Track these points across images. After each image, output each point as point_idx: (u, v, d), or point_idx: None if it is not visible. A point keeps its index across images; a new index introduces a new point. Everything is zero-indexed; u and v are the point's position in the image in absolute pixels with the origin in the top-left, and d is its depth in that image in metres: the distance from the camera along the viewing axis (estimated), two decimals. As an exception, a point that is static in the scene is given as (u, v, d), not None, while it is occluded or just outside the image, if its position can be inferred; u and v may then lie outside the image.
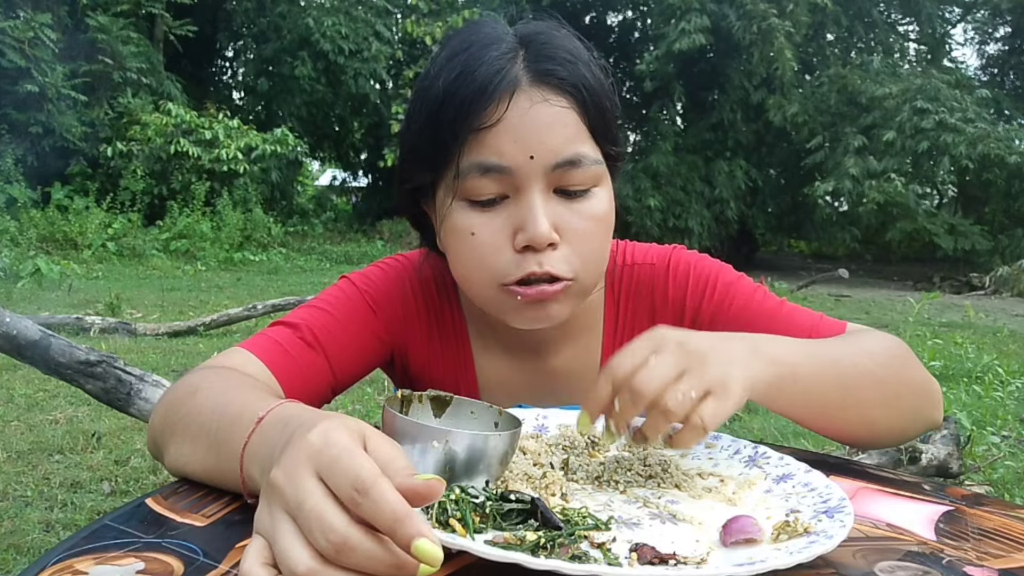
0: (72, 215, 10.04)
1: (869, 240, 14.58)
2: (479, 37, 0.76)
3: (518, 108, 0.73)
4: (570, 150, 0.74)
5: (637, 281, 0.93)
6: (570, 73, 0.75)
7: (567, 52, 0.76)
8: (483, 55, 0.74)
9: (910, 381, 0.80)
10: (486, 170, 0.74)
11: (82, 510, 2.47)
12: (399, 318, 0.91)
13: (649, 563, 0.51)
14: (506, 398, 0.93)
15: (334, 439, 0.45)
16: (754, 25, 13.11)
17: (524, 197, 0.75)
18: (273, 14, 14.55)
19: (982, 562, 0.57)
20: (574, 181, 0.76)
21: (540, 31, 0.78)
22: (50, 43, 10.71)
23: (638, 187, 13.70)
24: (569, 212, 0.76)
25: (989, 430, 3.33)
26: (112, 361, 2.31)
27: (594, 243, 0.78)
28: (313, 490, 0.43)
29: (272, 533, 0.44)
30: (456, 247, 0.79)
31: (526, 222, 0.74)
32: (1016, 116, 15.55)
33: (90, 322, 5.14)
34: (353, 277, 0.92)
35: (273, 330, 0.85)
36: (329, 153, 17.59)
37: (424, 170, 0.80)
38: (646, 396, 0.61)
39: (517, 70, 0.74)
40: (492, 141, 0.73)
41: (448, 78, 0.74)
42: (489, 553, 0.49)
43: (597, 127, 0.77)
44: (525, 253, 0.75)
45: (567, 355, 0.93)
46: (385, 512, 0.41)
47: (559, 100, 0.74)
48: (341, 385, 0.88)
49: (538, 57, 0.75)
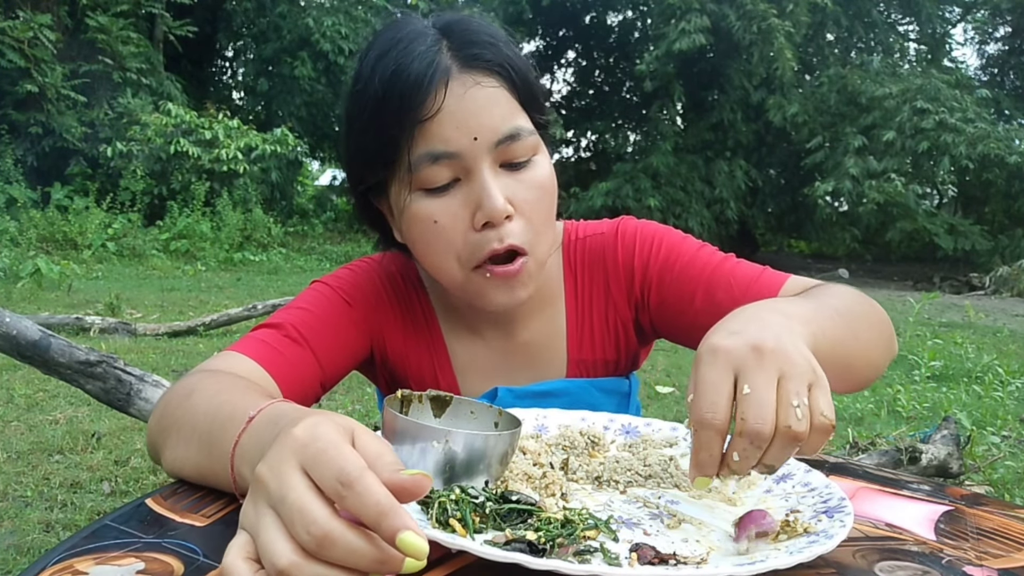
0: (72, 215, 10.04)
1: (869, 240, 14.57)
2: (403, 34, 0.80)
3: (454, 95, 0.77)
4: (508, 125, 0.79)
5: (590, 251, 0.98)
6: (494, 54, 0.79)
7: (487, 35, 0.81)
8: (412, 50, 0.78)
9: (878, 314, 0.83)
10: (436, 158, 0.78)
11: (82, 510, 2.47)
12: (373, 310, 0.95)
13: (649, 563, 0.51)
14: (480, 377, 0.97)
15: (320, 433, 0.45)
16: (754, 25, 13.10)
17: (476, 177, 0.79)
18: (273, 14, 14.54)
19: (982, 562, 0.57)
20: (516, 154, 0.80)
21: (456, 19, 0.83)
22: (50, 43, 10.71)
23: (638, 187, 13.70)
24: (517, 184, 0.81)
25: (989, 430, 3.33)
26: (112, 361, 2.31)
27: (543, 209, 0.83)
28: (296, 484, 0.43)
29: (255, 527, 0.43)
30: (421, 236, 0.83)
31: (482, 200, 0.78)
32: (1016, 116, 15.54)
33: (90, 322, 5.14)
34: (324, 279, 0.96)
35: (259, 332, 0.87)
36: (329, 153, 17.57)
37: (374, 169, 0.83)
38: (768, 435, 0.54)
39: (446, 59, 0.78)
40: (436, 130, 0.77)
41: (384, 76, 0.78)
42: (489, 553, 0.49)
43: (526, 100, 0.82)
44: (485, 231, 0.80)
45: (534, 329, 0.97)
46: (370, 505, 0.41)
47: (489, 81, 0.79)
48: (329, 378, 0.90)
49: (462, 43, 0.79)
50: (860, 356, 0.76)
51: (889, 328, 0.84)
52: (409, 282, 0.98)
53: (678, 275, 0.92)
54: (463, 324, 0.98)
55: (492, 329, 0.97)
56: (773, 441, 0.54)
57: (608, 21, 17.90)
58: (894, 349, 0.85)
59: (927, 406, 3.96)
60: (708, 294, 0.89)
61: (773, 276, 0.90)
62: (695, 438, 0.56)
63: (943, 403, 3.97)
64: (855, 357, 0.75)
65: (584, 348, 0.98)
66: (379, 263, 0.98)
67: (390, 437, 0.62)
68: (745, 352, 0.56)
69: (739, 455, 0.55)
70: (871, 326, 0.80)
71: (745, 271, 0.91)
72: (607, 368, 0.99)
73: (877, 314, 0.83)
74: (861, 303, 0.81)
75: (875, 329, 0.80)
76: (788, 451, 0.55)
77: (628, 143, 17.20)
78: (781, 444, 0.55)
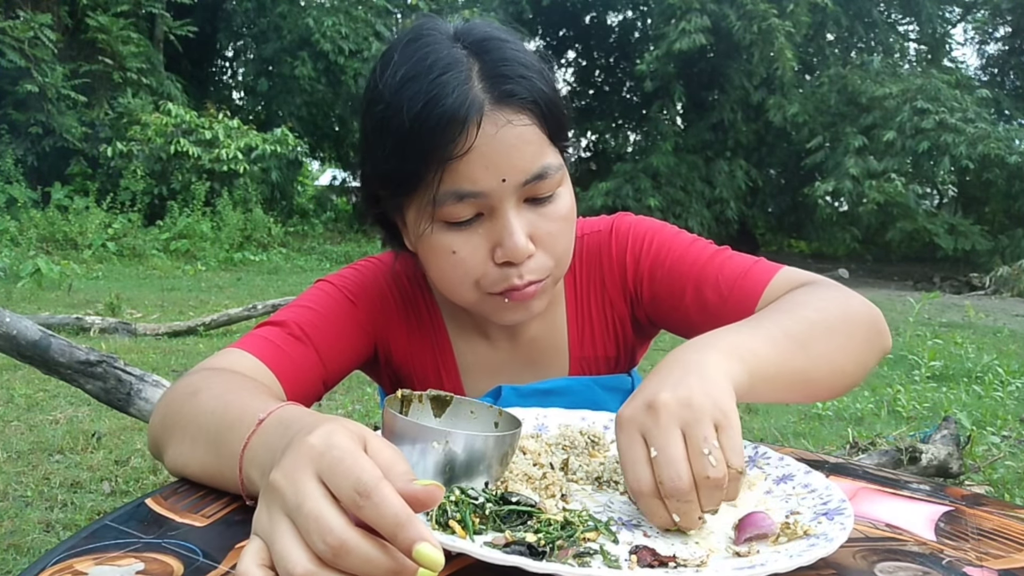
0: (72, 215, 10.04)
1: (869, 240, 14.57)
2: (433, 59, 0.76)
3: (485, 134, 0.74)
4: (536, 165, 0.77)
5: (588, 249, 0.98)
6: (527, 90, 0.77)
7: (521, 65, 0.77)
8: (445, 83, 0.74)
9: (856, 317, 0.80)
10: (462, 197, 0.76)
11: (82, 510, 2.47)
12: (378, 310, 0.95)
13: (648, 566, 0.51)
14: (485, 376, 0.98)
15: (336, 442, 0.45)
16: (754, 25, 13.10)
17: (499, 215, 0.78)
18: (273, 14, 14.54)
19: (982, 562, 0.57)
20: (542, 191, 0.79)
21: (488, 40, 0.78)
22: (50, 43, 10.71)
23: (638, 187, 13.71)
24: (540, 218, 0.80)
25: (989, 430, 3.33)
26: (112, 361, 2.31)
27: (564, 241, 0.83)
28: (312, 492, 0.43)
29: (270, 534, 0.43)
30: (437, 264, 0.82)
31: (504, 240, 0.78)
32: (1016, 116, 15.54)
33: (90, 322, 5.14)
34: (328, 278, 0.96)
35: (262, 330, 0.87)
36: (329, 153, 17.58)
37: (395, 194, 0.82)
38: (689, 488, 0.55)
39: (478, 94, 0.75)
40: (464, 169, 0.75)
41: (413, 107, 0.74)
42: (489, 556, 0.48)
43: (554, 133, 0.80)
44: (505, 267, 0.80)
45: (537, 328, 0.97)
46: (387, 516, 0.41)
47: (520, 119, 0.76)
48: (332, 377, 0.90)
49: (495, 77, 0.76)
50: (819, 368, 0.75)
51: (869, 328, 0.81)
52: (415, 283, 0.98)
53: (668, 270, 0.92)
54: (469, 324, 0.98)
55: (497, 330, 0.97)
56: (698, 491, 0.56)
57: (608, 21, 17.91)
58: (879, 346, 0.82)
59: (927, 406, 3.96)
60: (697, 290, 0.89)
61: (762, 270, 0.89)
62: (640, 507, 0.58)
63: (943, 403, 3.97)
64: (812, 371, 0.74)
65: (585, 345, 0.98)
66: (385, 263, 0.98)
67: (390, 438, 0.61)
68: (643, 414, 0.58)
69: (677, 514, 0.56)
70: (837, 334, 0.77)
71: (735, 265, 0.89)
72: (608, 364, 0.99)
73: (853, 318, 0.80)
74: (831, 309, 0.79)
75: (843, 335, 0.78)
76: (717, 495, 0.56)
77: (628, 143, 17.22)
78: (707, 493, 0.56)
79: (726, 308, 0.86)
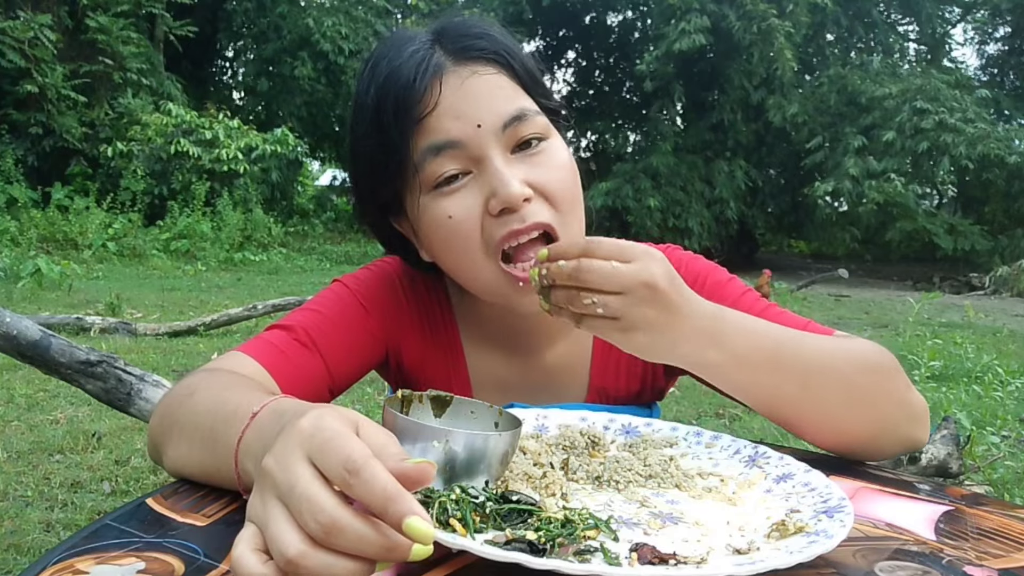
0: (72, 215, 10.04)
1: (869, 240, 14.57)
2: (395, 41, 0.80)
3: (450, 86, 0.76)
4: (512, 107, 0.78)
5: None
6: (488, 44, 0.79)
7: (479, 28, 0.80)
8: (402, 51, 0.78)
9: (888, 392, 0.77)
10: (438, 149, 0.76)
11: (82, 510, 2.47)
12: (392, 317, 0.93)
13: (649, 563, 0.51)
14: (499, 395, 0.93)
15: (325, 424, 0.45)
16: (754, 25, 13.10)
17: (486, 166, 0.77)
18: (273, 14, 14.54)
19: (982, 562, 0.57)
20: (526, 132, 0.78)
21: (450, 21, 0.82)
22: (50, 43, 10.71)
23: (638, 187, 13.69)
24: (532, 166, 0.78)
25: (989, 430, 3.32)
26: (112, 361, 2.31)
27: (564, 188, 0.80)
28: (303, 473, 0.43)
29: (264, 519, 0.44)
30: (439, 238, 0.80)
31: (496, 187, 0.76)
32: (1016, 116, 15.55)
33: (90, 322, 5.14)
34: (344, 280, 0.93)
35: (268, 333, 0.86)
36: (329, 153, 17.58)
37: (385, 181, 0.81)
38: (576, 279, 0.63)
39: (439, 57, 0.78)
40: (435, 124, 0.76)
41: (378, 82, 0.78)
42: (489, 553, 0.49)
43: (529, 84, 0.80)
44: (503, 215, 0.77)
45: (558, 351, 0.94)
46: (376, 491, 0.41)
47: (487, 69, 0.78)
48: (339, 385, 0.89)
49: (454, 39, 0.79)
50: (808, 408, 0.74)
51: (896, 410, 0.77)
52: (432, 290, 0.95)
53: None
54: (485, 337, 0.94)
55: (515, 346, 0.93)
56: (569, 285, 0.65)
57: (608, 21, 17.91)
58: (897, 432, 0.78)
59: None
60: None
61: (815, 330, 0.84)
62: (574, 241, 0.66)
63: (943, 403, 3.97)
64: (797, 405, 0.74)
65: (608, 377, 0.95)
66: (402, 264, 0.95)
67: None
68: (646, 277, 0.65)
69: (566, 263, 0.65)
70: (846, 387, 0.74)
71: (788, 322, 0.85)
72: (628, 399, 0.95)
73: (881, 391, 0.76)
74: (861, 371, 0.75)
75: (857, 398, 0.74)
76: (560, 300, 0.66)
77: (628, 143, 17.21)
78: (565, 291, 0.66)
79: None
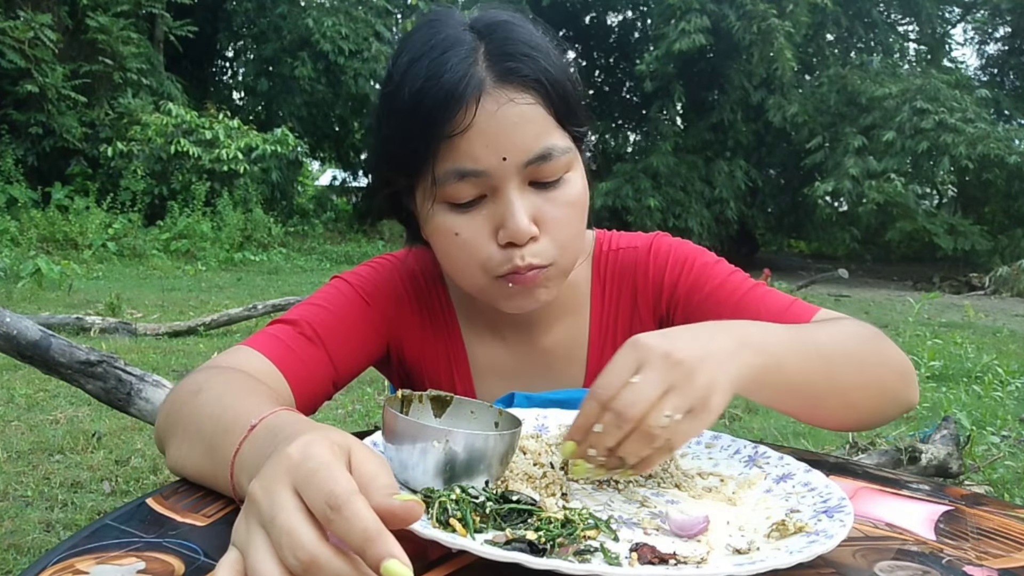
0: (72, 215, 10.04)
1: (869, 240, 14.57)
2: (439, 40, 0.76)
3: (485, 112, 0.74)
4: (540, 145, 0.76)
5: (621, 264, 0.97)
6: (531, 68, 0.75)
7: (526, 45, 0.77)
8: (445, 60, 0.74)
9: (888, 362, 0.80)
10: (462, 175, 0.75)
11: (82, 510, 2.47)
12: (392, 309, 0.94)
13: (649, 563, 0.51)
14: (499, 381, 0.95)
15: (312, 453, 0.44)
16: (754, 25, 13.10)
17: (502, 196, 0.77)
18: (273, 14, 14.54)
19: (981, 562, 0.57)
20: (547, 174, 0.78)
21: (497, 22, 0.78)
22: (50, 43, 10.71)
23: (638, 187, 13.69)
24: (545, 202, 0.79)
25: (989, 430, 3.33)
26: (112, 361, 2.31)
27: (571, 228, 0.81)
28: (286, 504, 0.42)
29: (246, 545, 0.43)
30: (442, 247, 0.82)
31: (506, 220, 0.76)
32: (1016, 116, 15.55)
33: (90, 322, 5.13)
34: (344, 276, 0.94)
35: (273, 328, 0.86)
36: (329, 153, 17.58)
37: (401, 175, 0.81)
38: (631, 419, 0.59)
39: (480, 72, 0.74)
40: (464, 147, 0.74)
41: (413, 87, 0.75)
42: (489, 553, 0.49)
43: (562, 114, 0.78)
44: (508, 248, 0.78)
45: (556, 335, 0.96)
46: (356, 530, 0.40)
47: (523, 97, 0.75)
48: (342, 378, 0.89)
49: (499, 55, 0.75)
50: (832, 395, 0.76)
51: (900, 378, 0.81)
52: (431, 281, 0.97)
53: (706, 297, 0.91)
54: (484, 325, 0.96)
55: (513, 332, 0.96)
56: (632, 433, 0.59)
57: (608, 21, 17.91)
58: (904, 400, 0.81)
59: (927, 406, 3.96)
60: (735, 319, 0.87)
61: (803, 307, 0.88)
62: (582, 406, 0.62)
63: (943, 403, 3.97)
64: (825, 395, 0.75)
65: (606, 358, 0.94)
66: (401, 261, 0.97)
67: (390, 437, 0.62)
68: (656, 354, 0.61)
69: (602, 426, 0.60)
70: (865, 372, 0.78)
71: (775, 300, 0.89)
72: None
73: (888, 363, 0.80)
74: (863, 346, 0.79)
75: (868, 375, 0.78)
76: (641, 449, 0.60)
77: (628, 143, 17.21)
78: (637, 438, 0.59)
79: None
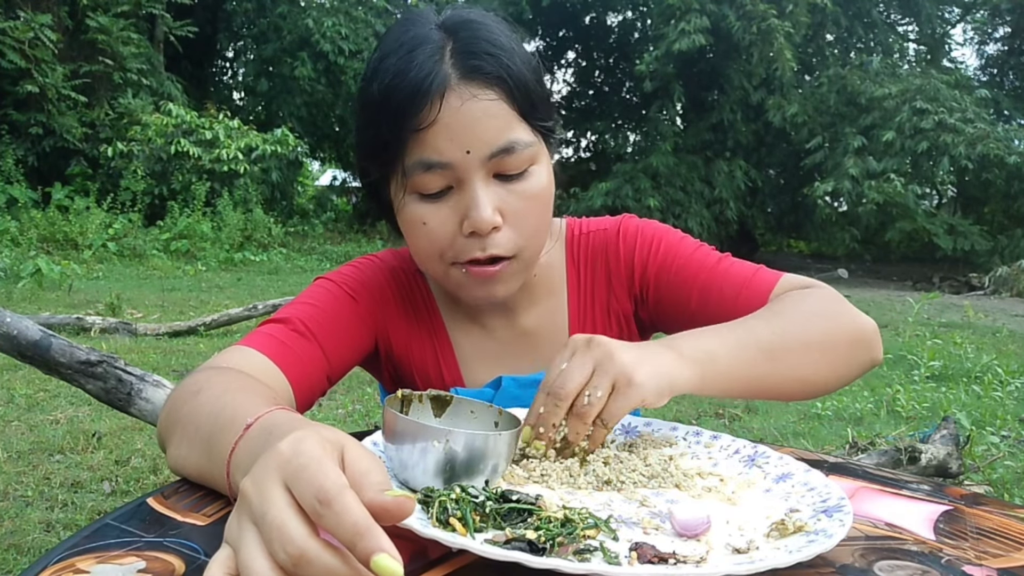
0: (72, 215, 10.03)
1: (869, 240, 14.56)
2: (408, 38, 0.81)
3: (450, 107, 0.78)
4: (503, 139, 0.80)
5: (593, 246, 1.01)
6: (495, 66, 0.79)
7: (491, 44, 0.81)
8: (413, 58, 0.79)
9: (841, 332, 0.84)
10: (429, 167, 0.80)
11: (83, 510, 2.48)
12: (378, 304, 0.97)
13: (649, 562, 0.51)
14: (483, 366, 0.99)
15: (303, 448, 0.44)
16: (754, 25, 13.10)
17: (467, 188, 0.81)
18: (273, 14, 14.55)
19: (981, 561, 0.57)
20: (510, 166, 0.81)
21: (465, 21, 0.82)
22: (50, 43, 10.71)
23: (638, 187, 13.70)
24: (510, 194, 0.82)
25: (988, 430, 3.33)
26: (112, 361, 2.31)
27: (534, 219, 0.85)
28: (276, 500, 0.43)
29: (237, 542, 0.43)
30: (410, 235, 0.86)
31: (470, 211, 0.80)
32: (1016, 116, 15.55)
33: (90, 322, 5.14)
34: (328, 275, 0.98)
35: (266, 327, 0.88)
36: (329, 153, 17.59)
37: (374, 165, 0.86)
38: (563, 398, 0.67)
39: (446, 69, 0.78)
40: (430, 140, 0.79)
41: (383, 82, 0.80)
42: (489, 552, 0.49)
43: (526, 110, 0.82)
44: (471, 238, 0.82)
45: (536, 318, 0.99)
46: (346, 525, 0.40)
47: (487, 93, 0.79)
48: (335, 372, 0.92)
49: (464, 53, 0.79)
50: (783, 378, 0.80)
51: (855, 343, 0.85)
52: (411, 276, 1.00)
53: (675, 275, 0.95)
54: (465, 314, 1.00)
55: (494, 318, 0.99)
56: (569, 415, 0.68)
57: (608, 21, 17.90)
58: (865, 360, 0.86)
59: (926, 406, 3.96)
60: (702, 296, 0.92)
61: (764, 278, 0.92)
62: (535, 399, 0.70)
63: (942, 403, 3.97)
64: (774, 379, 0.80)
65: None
66: (382, 259, 1.01)
67: (390, 437, 0.62)
68: (582, 341, 0.71)
69: (544, 410, 0.68)
70: (812, 348, 0.81)
71: (738, 272, 0.93)
72: None
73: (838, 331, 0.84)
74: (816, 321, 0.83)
75: (820, 349, 0.82)
76: (578, 427, 0.68)
77: (628, 143, 17.20)
78: (573, 418, 0.67)
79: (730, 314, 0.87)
